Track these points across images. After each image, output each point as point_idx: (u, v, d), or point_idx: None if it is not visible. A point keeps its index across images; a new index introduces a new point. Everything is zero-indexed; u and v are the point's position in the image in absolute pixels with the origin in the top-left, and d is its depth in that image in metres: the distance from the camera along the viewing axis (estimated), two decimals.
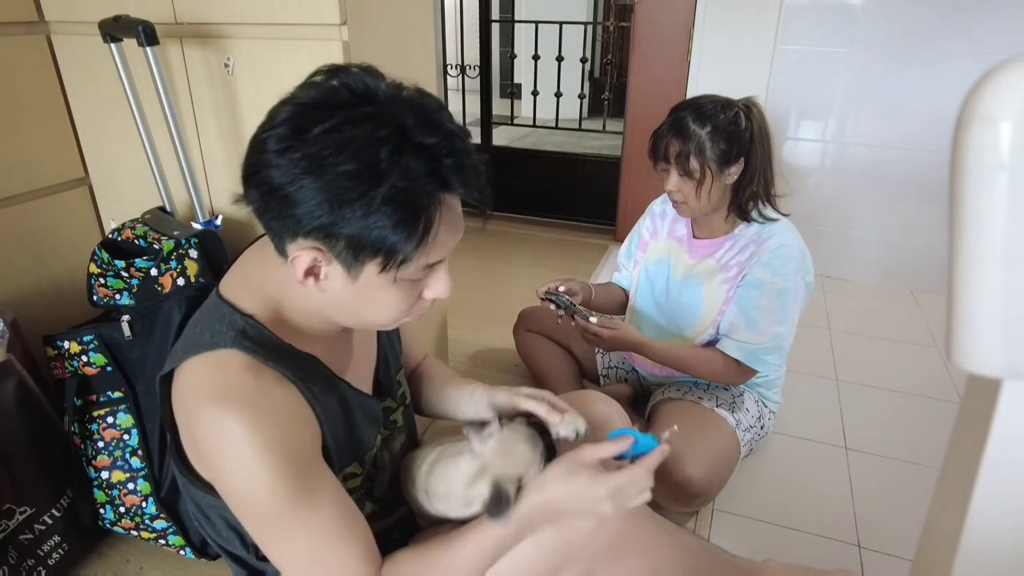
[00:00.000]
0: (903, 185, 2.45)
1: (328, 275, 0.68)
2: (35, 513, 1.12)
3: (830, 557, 1.29)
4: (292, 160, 0.62)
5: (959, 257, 0.40)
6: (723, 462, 1.36)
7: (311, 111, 0.63)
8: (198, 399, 0.69)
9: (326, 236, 0.64)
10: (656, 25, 2.59)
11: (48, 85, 1.37)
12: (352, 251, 0.65)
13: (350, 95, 0.64)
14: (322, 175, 0.62)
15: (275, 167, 0.63)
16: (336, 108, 0.63)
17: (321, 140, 0.62)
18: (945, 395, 1.86)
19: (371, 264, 0.66)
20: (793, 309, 1.34)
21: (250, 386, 0.69)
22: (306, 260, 0.66)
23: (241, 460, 0.67)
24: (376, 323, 0.76)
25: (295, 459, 0.70)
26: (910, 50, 2.28)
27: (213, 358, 0.70)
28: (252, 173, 0.66)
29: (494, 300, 2.45)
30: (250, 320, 0.74)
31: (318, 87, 0.65)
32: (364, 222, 0.63)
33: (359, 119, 0.63)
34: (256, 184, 0.65)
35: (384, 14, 1.21)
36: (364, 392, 0.88)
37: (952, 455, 0.54)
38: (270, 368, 0.71)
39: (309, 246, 0.66)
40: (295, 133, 0.63)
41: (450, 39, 3.80)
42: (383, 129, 0.62)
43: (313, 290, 0.69)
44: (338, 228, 0.63)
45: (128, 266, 1.15)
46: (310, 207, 0.63)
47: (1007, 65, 0.37)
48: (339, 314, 0.75)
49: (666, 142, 1.31)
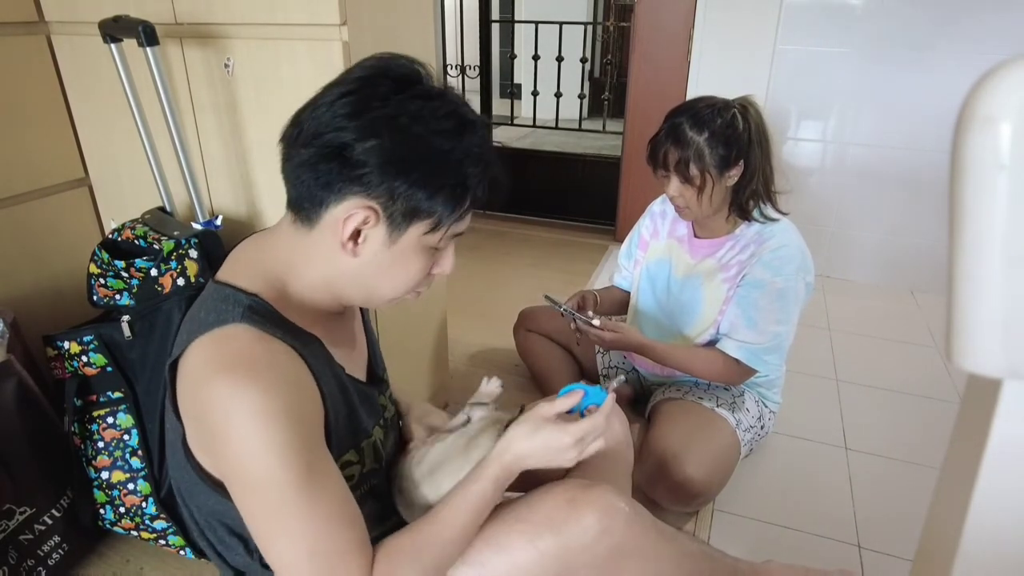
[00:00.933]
0: (903, 185, 2.45)
1: (367, 238, 0.71)
2: (35, 513, 1.12)
3: (830, 557, 1.30)
4: (368, 120, 0.67)
5: (959, 257, 0.40)
6: (723, 462, 1.36)
7: (377, 79, 0.69)
8: (208, 372, 0.69)
9: (389, 195, 0.68)
10: (656, 25, 2.59)
11: (48, 85, 1.37)
12: (407, 212, 0.70)
13: (411, 73, 0.71)
14: (394, 137, 0.67)
15: (346, 128, 0.67)
16: (401, 80, 0.69)
17: (398, 105, 0.67)
18: (945, 395, 1.86)
19: (416, 226, 0.71)
20: (793, 309, 1.34)
21: (263, 355, 0.69)
22: (358, 219, 0.69)
23: (255, 429, 0.66)
24: (386, 295, 0.78)
25: (305, 431, 0.70)
26: (910, 50, 2.28)
27: (222, 333, 0.71)
28: (315, 135, 0.68)
29: (494, 300, 2.45)
30: (255, 298, 0.74)
31: (376, 67, 0.71)
32: (427, 186, 0.69)
33: (424, 95, 0.69)
34: (319, 144, 0.68)
35: (384, 14, 1.21)
36: (360, 379, 0.88)
37: (952, 455, 0.54)
38: (279, 341, 0.72)
39: (366, 205, 0.69)
40: (365, 98, 0.68)
41: (450, 39, 3.80)
42: (444, 106, 0.69)
43: (347, 255, 0.72)
44: (403, 188, 0.68)
45: (128, 266, 1.15)
46: (379, 164, 0.67)
47: (1007, 65, 0.37)
48: (352, 284, 0.76)
49: (665, 150, 1.31)
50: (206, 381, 0.69)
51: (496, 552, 0.80)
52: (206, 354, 0.70)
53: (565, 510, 0.81)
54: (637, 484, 1.30)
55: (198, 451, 0.77)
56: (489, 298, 2.47)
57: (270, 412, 0.66)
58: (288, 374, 0.70)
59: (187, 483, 0.80)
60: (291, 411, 0.68)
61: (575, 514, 0.81)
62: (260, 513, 0.71)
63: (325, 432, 0.76)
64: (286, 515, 0.69)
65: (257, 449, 0.67)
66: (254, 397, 0.66)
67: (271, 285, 0.76)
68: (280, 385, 0.68)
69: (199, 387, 0.70)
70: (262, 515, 0.71)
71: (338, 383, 0.81)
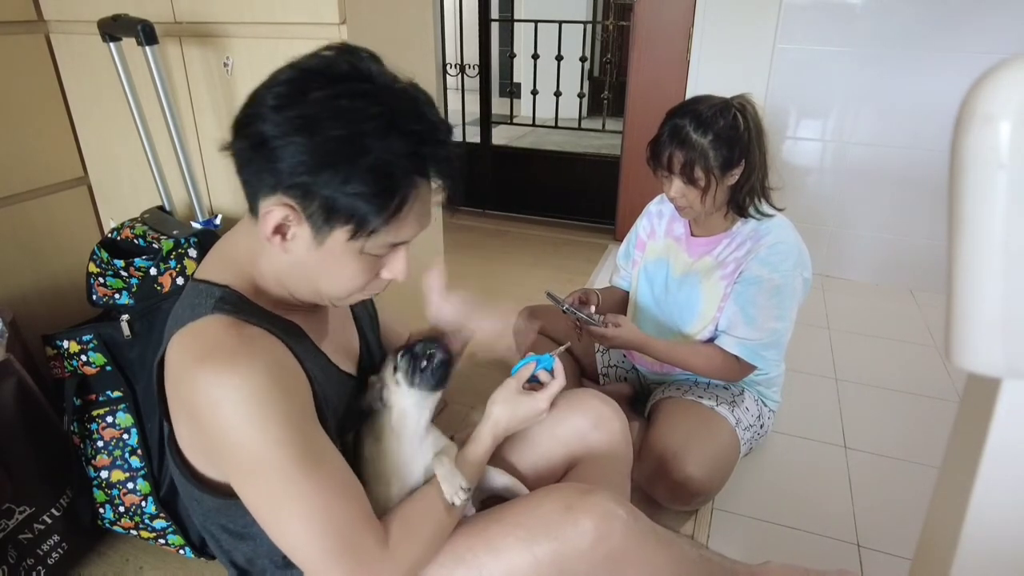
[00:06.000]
0: (902, 184, 2.45)
1: (295, 236, 0.70)
2: (34, 513, 1.11)
3: (829, 556, 1.30)
4: (286, 117, 0.65)
5: (958, 256, 0.41)
6: (723, 461, 1.36)
7: (313, 76, 0.67)
8: (187, 365, 0.69)
9: (304, 194, 0.67)
10: (656, 24, 2.59)
11: (47, 84, 1.37)
12: (325, 213, 0.67)
13: (351, 70, 0.68)
14: (312, 135, 0.65)
15: (269, 121, 0.66)
16: (336, 79, 0.67)
17: (318, 103, 0.65)
18: (944, 394, 1.86)
19: (340, 230, 0.69)
20: (791, 305, 1.34)
21: (235, 340, 0.69)
22: (277, 216, 0.68)
23: (242, 415, 0.66)
24: (331, 295, 0.77)
25: (296, 408, 0.69)
26: (910, 49, 2.28)
27: (196, 326, 0.71)
28: (244, 124, 0.68)
29: (494, 300, 2.44)
30: (226, 289, 0.74)
31: (324, 58, 0.69)
32: (343, 187, 0.66)
33: (356, 93, 0.66)
34: (246, 135, 0.68)
35: (383, 13, 1.21)
36: (345, 371, 0.88)
37: (951, 454, 0.54)
38: (253, 326, 0.71)
39: (283, 202, 0.67)
40: (294, 93, 0.66)
41: (449, 38, 3.80)
42: (375, 107, 0.66)
43: (277, 250, 0.71)
44: (317, 188, 0.66)
45: (127, 265, 1.15)
46: (294, 163, 0.65)
47: (1007, 65, 0.37)
48: (296, 281, 0.75)
49: (669, 152, 1.30)
50: (186, 374, 0.69)
51: (493, 556, 0.80)
52: (183, 348, 0.70)
53: (563, 516, 0.81)
54: (636, 483, 1.30)
55: (191, 453, 0.77)
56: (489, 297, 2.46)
57: (255, 394, 0.66)
58: (267, 355, 0.70)
59: (182, 486, 0.80)
60: (276, 390, 0.67)
61: (572, 520, 0.80)
62: (265, 499, 0.70)
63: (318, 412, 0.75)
64: (292, 495, 0.68)
65: (249, 433, 0.66)
66: (236, 382, 0.66)
67: (241, 276, 0.76)
68: (260, 366, 0.67)
69: (181, 382, 0.70)
70: (267, 501, 0.70)
71: (323, 370, 0.81)
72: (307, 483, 0.68)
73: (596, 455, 1.04)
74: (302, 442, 0.68)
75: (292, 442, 0.67)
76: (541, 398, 0.95)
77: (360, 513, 0.72)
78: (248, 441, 0.67)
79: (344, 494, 0.71)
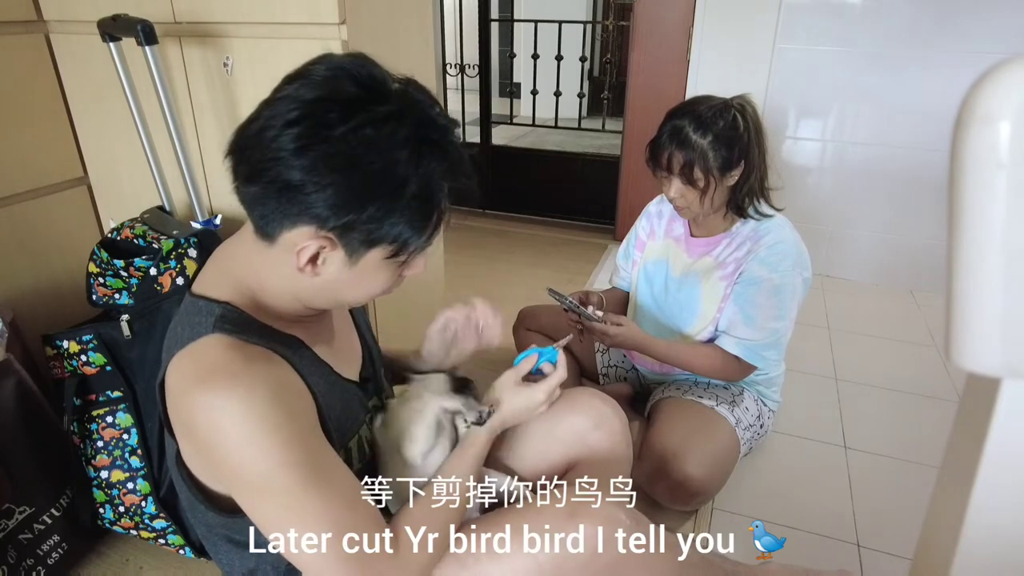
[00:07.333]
0: (902, 184, 2.45)
1: (326, 260, 0.69)
2: (34, 513, 1.11)
3: (830, 556, 1.30)
4: (315, 159, 0.63)
5: (958, 256, 0.40)
6: (723, 461, 1.36)
7: (323, 107, 0.64)
8: (187, 387, 0.68)
9: (344, 228, 0.66)
10: (656, 24, 2.59)
11: (47, 84, 1.37)
12: (366, 243, 0.68)
13: (359, 89, 0.66)
14: (349, 174, 0.64)
15: (294, 166, 0.64)
16: (351, 105, 0.65)
17: (344, 139, 0.63)
18: (944, 394, 1.86)
19: (377, 250, 0.69)
20: (791, 305, 1.34)
21: (236, 361, 0.68)
22: (313, 249, 0.67)
23: (244, 435, 0.65)
24: (355, 302, 0.78)
25: (297, 427, 0.69)
26: (909, 49, 2.28)
27: (196, 346, 0.70)
28: (260, 170, 0.65)
29: (493, 299, 2.44)
30: (227, 306, 0.73)
31: (320, 83, 0.66)
32: (387, 219, 0.66)
33: (378, 120, 0.65)
34: (265, 181, 0.65)
35: (383, 13, 1.21)
36: (348, 379, 0.88)
37: (951, 454, 0.54)
38: (254, 345, 0.71)
39: (321, 236, 0.67)
40: (314, 130, 0.63)
41: (449, 38, 3.80)
42: (403, 129, 0.65)
43: (305, 276, 0.70)
44: (359, 223, 0.66)
45: (127, 265, 1.15)
46: (335, 204, 0.64)
47: (1007, 65, 0.37)
48: (318, 296, 0.75)
49: (668, 153, 1.30)
50: (186, 397, 0.68)
51: (495, 562, 0.80)
52: (183, 370, 0.70)
53: (565, 521, 0.81)
54: (637, 483, 1.30)
55: (195, 466, 0.77)
56: (488, 297, 2.46)
57: (256, 416, 0.65)
58: (268, 375, 0.69)
59: (185, 497, 0.80)
60: (278, 411, 0.67)
61: (575, 526, 0.80)
62: (272, 517, 0.70)
63: (323, 427, 0.75)
64: (300, 512, 0.68)
65: (253, 455, 0.66)
66: (236, 405, 0.65)
67: (242, 292, 0.75)
68: (261, 387, 0.67)
69: (181, 404, 0.70)
70: (274, 519, 0.70)
71: (326, 380, 0.81)
72: (314, 500, 0.68)
73: (596, 455, 1.04)
74: (307, 460, 0.68)
75: (297, 462, 0.67)
76: (539, 390, 0.94)
77: (368, 521, 0.72)
78: (252, 463, 0.67)
79: (351, 504, 0.72)
